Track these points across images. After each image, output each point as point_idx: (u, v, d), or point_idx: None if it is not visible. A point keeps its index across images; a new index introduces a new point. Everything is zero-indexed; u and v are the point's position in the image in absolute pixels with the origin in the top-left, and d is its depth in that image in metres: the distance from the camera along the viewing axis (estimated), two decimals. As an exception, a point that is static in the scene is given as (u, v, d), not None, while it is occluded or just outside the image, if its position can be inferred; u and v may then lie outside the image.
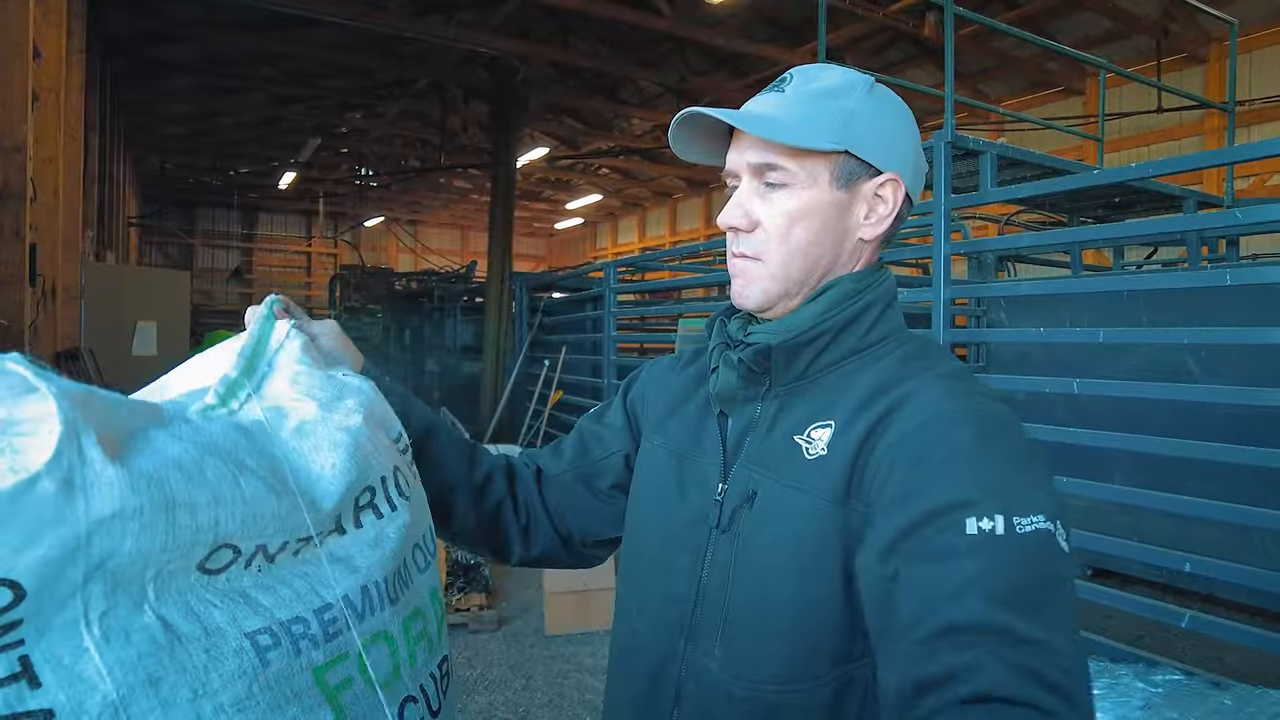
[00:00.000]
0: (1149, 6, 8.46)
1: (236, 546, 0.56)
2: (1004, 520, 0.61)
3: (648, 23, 8.42)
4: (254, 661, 0.54)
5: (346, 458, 0.63)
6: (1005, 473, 0.65)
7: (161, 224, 19.71)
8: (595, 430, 1.00)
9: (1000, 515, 0.61)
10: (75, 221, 5.32)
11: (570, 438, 1.02)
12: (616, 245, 21.04)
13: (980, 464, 0.65)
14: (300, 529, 0.60)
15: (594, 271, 8.29)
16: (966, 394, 0.71)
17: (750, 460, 0.79)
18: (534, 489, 0.98)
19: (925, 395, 0.71)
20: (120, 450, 0.50)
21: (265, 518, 0.57)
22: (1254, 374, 3.72)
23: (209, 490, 0.54)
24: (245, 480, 0.56)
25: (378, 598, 0.63)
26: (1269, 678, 3.34)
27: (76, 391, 0.49)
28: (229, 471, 0.55)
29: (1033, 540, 0.61)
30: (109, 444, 0.49)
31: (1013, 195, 3.65)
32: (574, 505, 0.98)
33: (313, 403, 0.66)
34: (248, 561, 0.56)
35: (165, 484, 0.51)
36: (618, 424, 0.99)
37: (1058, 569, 0.61)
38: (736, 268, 0.81)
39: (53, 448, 0.45)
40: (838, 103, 0.78)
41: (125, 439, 0.51)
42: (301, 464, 0.62)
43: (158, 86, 11.56)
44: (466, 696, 3.26)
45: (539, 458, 1.01)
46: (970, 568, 0.59)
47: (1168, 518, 3.97)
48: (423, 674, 0.66)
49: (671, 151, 0.87)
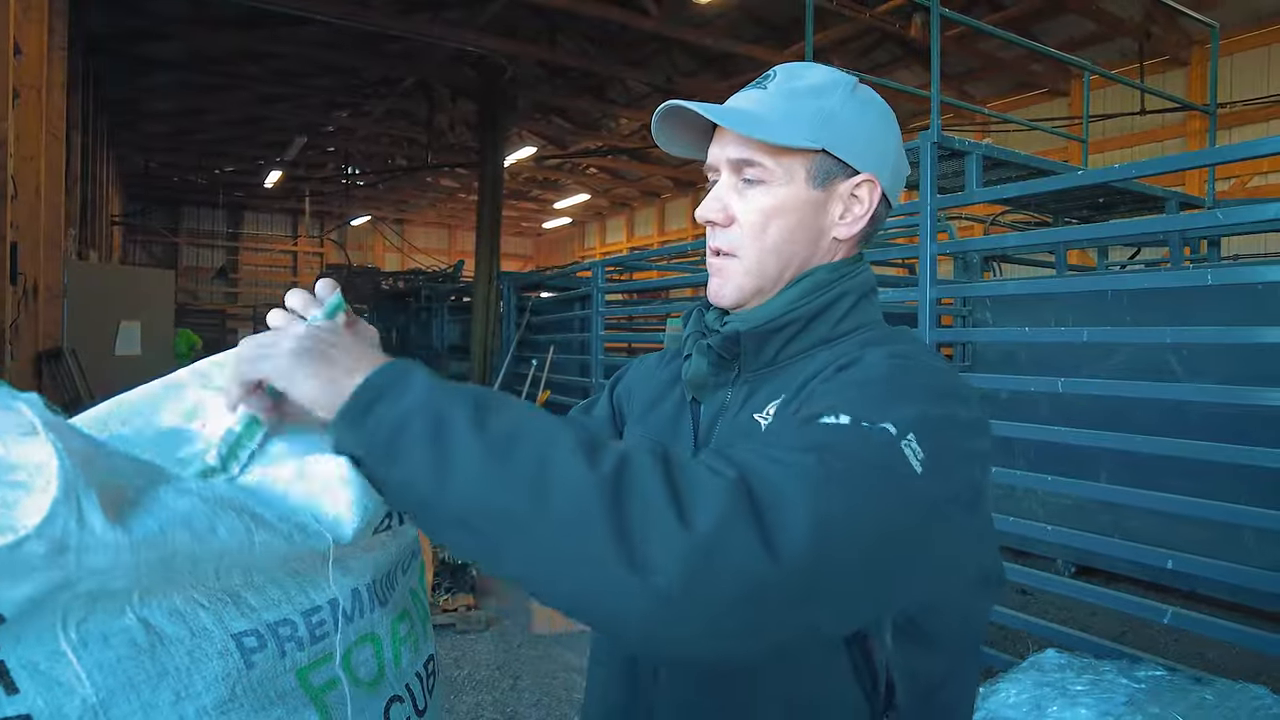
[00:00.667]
0: (1132, 9, 8.54)
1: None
2: (851, 418, 0.61)
3: (635, 22, 8.42)
4: (238, 663, 0.53)
5: (362, 493, 0.59)
6: (883, 396, 0.64)
7: (145, 223, 19.54)
8: (584, 423, 1.00)
9: (848, 415, 0.61)
10: (57, 220, 5.26)
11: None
12: (604, 245, 21.03)
13: (868, 389, 0.65)
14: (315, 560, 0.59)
15: (582, 271, 8.29)
16: (909, 355, 0.71)
17: (719, 443, 0.80)
18: None
19: (871, 354, 0.71)
20: (125, 509, 0.48)
21: (275, 562, 0.56)
22: (1235, 373, 3.76)
23: (218, 547, 0.51)
24: (260, 535, 0.54)
25: (368, 600, 0.63)
26: (1249, 672, 3.38)
27: (82, 447, 0.46)
28: (243, 526, 0.52)
29: (866, 431, 0.60)
30: (112, 503, 0.47)
31: (998, 195, 3.67)
32: None
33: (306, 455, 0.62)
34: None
35: (170, 543, 0.49)
36: (604, 416, 0.99)
37: (879, 456, 0.58)
38: (714, 266, 0.82)
39: (46, 509, 0.43)
40: (818, 102, 0.78)
41: (132, 495, 0.49)
42: (315, 508, 0.58)
43: (142, 84, 11.47)
44: (454, 697, 3.25)
45: None
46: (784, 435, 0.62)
47: (1151, 515, 4.01)
48: (409, 674, 0.65)
49: (660, 151, 0.87)
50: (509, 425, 0.55)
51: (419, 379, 0.58)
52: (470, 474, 0.53)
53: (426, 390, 0.57)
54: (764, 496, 0.53)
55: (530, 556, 0.53)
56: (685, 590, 0.49)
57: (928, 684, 0.72)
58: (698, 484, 0.53)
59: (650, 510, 0.51)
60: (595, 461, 0.53)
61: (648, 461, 0.54)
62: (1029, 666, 2.38)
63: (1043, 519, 4.48)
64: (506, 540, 0.53)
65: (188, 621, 0.52)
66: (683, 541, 0.49)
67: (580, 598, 0.52)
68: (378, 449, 0.56)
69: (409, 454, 0.55)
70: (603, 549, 0.50)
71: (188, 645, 0.51)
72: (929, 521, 0.60)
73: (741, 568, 0.50)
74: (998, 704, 2.21)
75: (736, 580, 0.50)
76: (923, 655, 0.71)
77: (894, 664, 0.69)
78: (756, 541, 0.50)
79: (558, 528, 0.51)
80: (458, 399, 0.56)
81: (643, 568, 0.49)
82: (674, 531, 0.50)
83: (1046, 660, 2.39)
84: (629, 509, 0.50)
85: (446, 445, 0.54)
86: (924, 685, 0.71)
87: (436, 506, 0.55)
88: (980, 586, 0.74)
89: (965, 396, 0.69)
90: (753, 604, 0.51)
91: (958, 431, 0.65)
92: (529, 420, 0.56)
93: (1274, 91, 8.44)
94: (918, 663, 0.71)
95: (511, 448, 0.53)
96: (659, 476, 0.52)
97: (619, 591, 0.50)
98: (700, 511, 0.51)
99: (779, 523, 0.52)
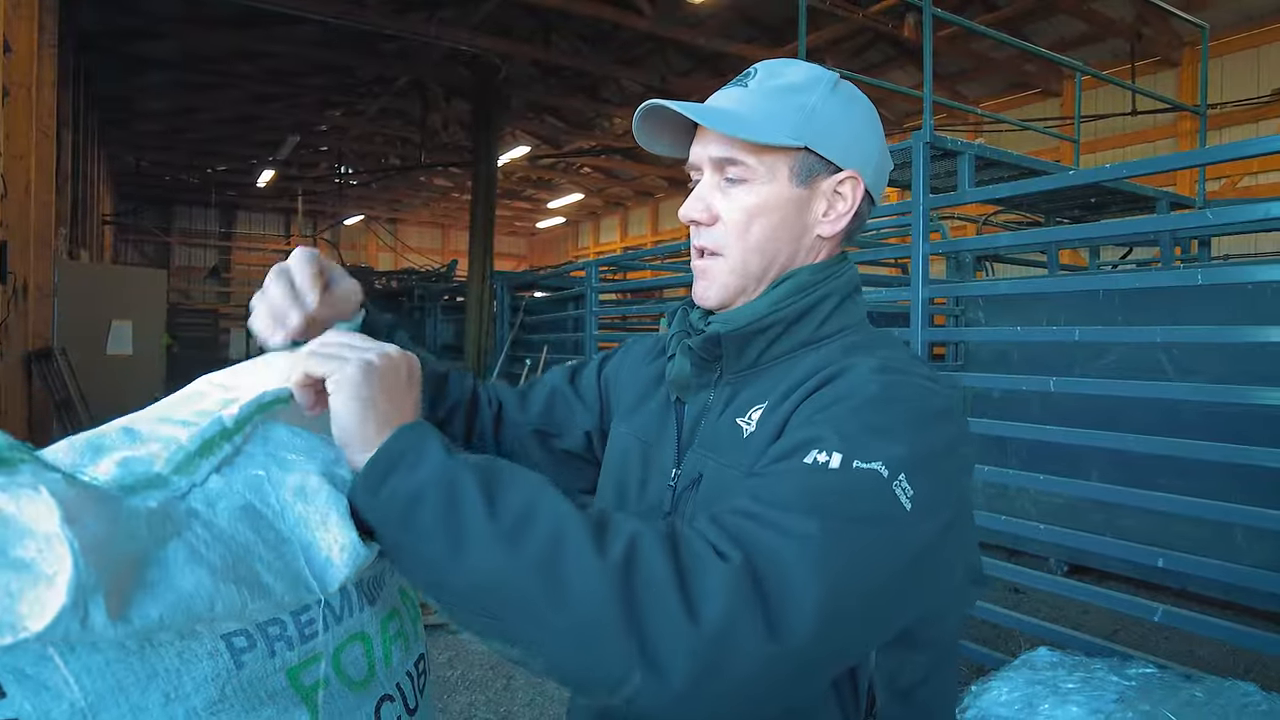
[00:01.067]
0: (1123, 10, 8.58)
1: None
2: (841, 458, 0.61)
3: (629, 22, 8.42)
4: (228, 664, 0.52)
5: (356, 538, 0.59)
6: (872, 426, 0.64)
7: (137, 222, 19.44)
8: (566, 392, 0.99)
9: (839, 454, 0.61)
10: (48, 219, 5.23)
11: (539, 389, 1.01)
12: (598, 244, 21.02)
13: (857, 416, 0.65)
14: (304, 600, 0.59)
15: (576, 271, 8.28)
16: (896, 370, 0.71)
17: (701, 445, 0.80)
18: (490, 428, 0.97)
19: (857, 370, 0.71)
20: (131, 594, 0.48)
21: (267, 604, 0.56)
22: (1226, 372, 3.78)
23: (209, 616, 0.52)
24: (254, 604, 0.54)
25: (356, 599, 0.62)
26: (1238, 669, 3.40)
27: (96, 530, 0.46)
28: (239, 601, 0.53)
29: (858, 475, 0.60)
30: (119, 591, 0.47)
31: (991, 195, 3.68)
32: (526, 456, 0.97)
33: (312, 469, 0.61)
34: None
35: (167, 626, 0.50)
36: (589, 396, 0.98)
37: (872, 506, 0.59)
38: (698, 267, 0.82)
39: (52, 616, 0.44)
40: (799, 99, 0.78)
41: (141, 571, 0.49)
42: (309, 544, 0.58)
43: (134, 82, 11.40)
44: (447, 696, 3.24)
45: (503, 395, 1.00)
46: (779, 482, 0.61)
47: (1143, 514, 4.03)
48: (399, 673, 0.65)
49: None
50: (520, 504, 0.56)
51: (433, 449, 0.59)
52: (482, 555, 0.54)
53: (440, 463, 0.58)
54: (770, 581, 0.54)
55: (542, 642, 0.54)
56: (696, 686, 0.50)
57: (908, 683, 0.72)
58: (704, 572, 0.53)
59: (659, 603, 0.52)
60: (605, 547, 0.54)
61: (656, 547, 0.55)
62: (1021, 665, 2.39)
63: (1035, 518, 4.49)
64: (519, 624, 0.54)
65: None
66: (691, 638, 0.51)
67: (594, 686, 0.54)
68: (392, 521, 0.58)
69: (421, 530, 0.56)
70: (615, 643, 0.51)
71: (177, 646, 0.51)
72: (923, 557, 0.62)
73: (749, 657, 0.51)
74: (990, 702, 2.22)
75: (744, 669, 0.51)
76: (905, 656, 0.71)
77: (877, 669, 0.70)
78: (762, 631, 0.52)
79: (571, 617, 0.52)
80: (470, 473, 0.57)
81: (654, 663, 0.50)
82: (683, 628, 0.51)
83: (1038, 658, 2.40)
84: (639, 601, 0.52)
85: (459, 524, 0.55)
86: (904, 684, 0.72)
87: (449, 584, 0.56)
88: (965, 588, 0.74)
89: (948, 410, 0.70)
90: (761, 684, 0.52)
91: (944, 456, 0.66)
92: (540, 499, 0.57)
93: (1263, 93, 8.49)
94: (900, 663, 0.71)
95: (523, 529, 0.55)
96: (667, 565, 0.53)
97: (632, 684, 0.51)
98: (707, 604, 0.52)
99: (784, 608, 0.53)
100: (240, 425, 0.60)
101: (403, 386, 0.64)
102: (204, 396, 0.65)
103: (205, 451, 0.58)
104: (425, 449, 0.59)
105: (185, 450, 0.58)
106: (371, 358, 0.62)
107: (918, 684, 0.72)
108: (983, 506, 4.58)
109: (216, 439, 0.59)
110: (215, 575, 0.52)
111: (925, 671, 0.73)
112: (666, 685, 0.50)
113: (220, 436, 0.59)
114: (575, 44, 9.88)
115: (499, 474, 0.59)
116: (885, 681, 0.70)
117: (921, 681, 0.73)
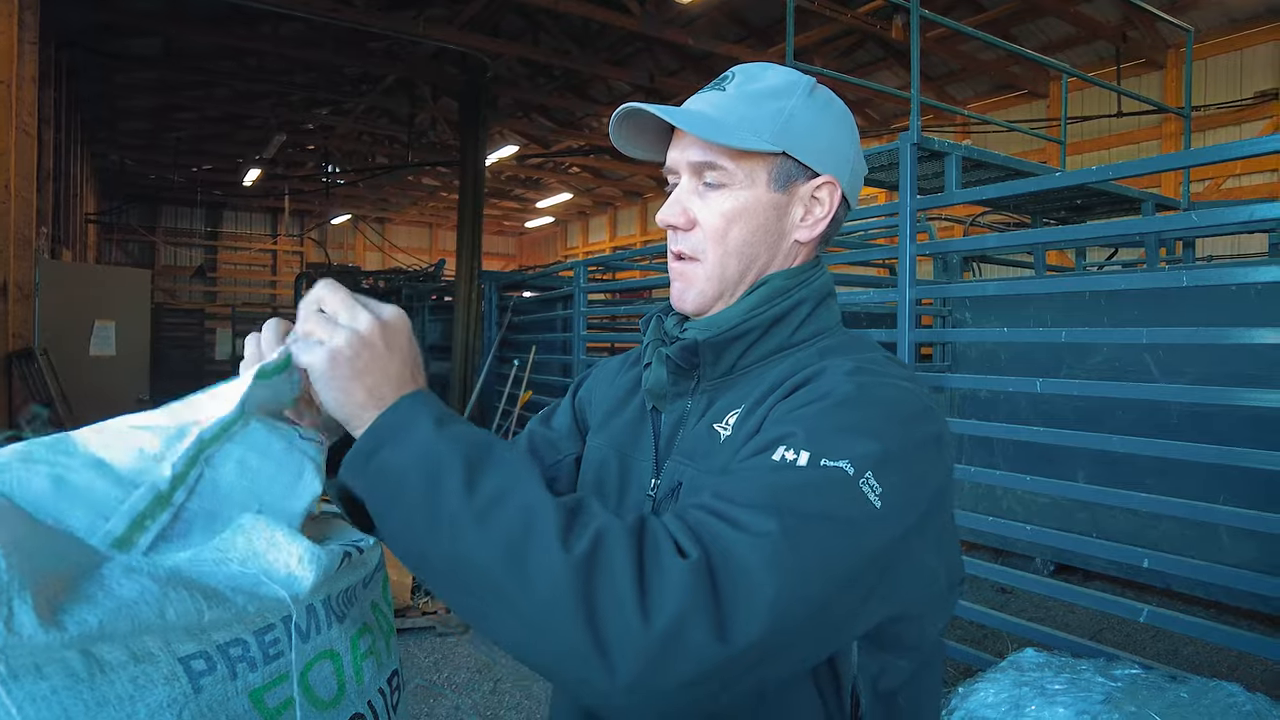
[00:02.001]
0: (1109, 13, 8.64)
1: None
2: (809, 455, 0.61)
3: (617, 21, 8.41)
4: (186, 688, 0.50)
5: (309, 548, 0.58)
6: (841, 425, 0.64)
7: (122, 221, 19.24)
8: (544, 435, 0.98)
9: (807, 451, 0.61)
10: (29, 217, 5.17)
11: (520, 443, 1.00)
12: (587, 244, 20.99)
13: (827, 416, 0.65)
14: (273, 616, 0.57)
15: (564, 270, 8.26)
16: (873, 373, 0.70)
17: (679, 454, 0.79)
18: None
19: (832, 372, 0.71)
20: (64, 602, 0.45)
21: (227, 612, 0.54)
22: (1210, 373, 3.81)
23: (163, 626, 0.50)
24: (212, 612, 0.52)
25: (325, 616, 0.60)
26: (1220, 667, 3.43)
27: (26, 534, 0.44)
28: (194, 607, 0.51)
29: (824, 473, 0.60)
30: (49, 598, 0.44)
31: (978, 196, 3.69)
32: None
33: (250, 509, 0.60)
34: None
35: (109, 634, 0.47)
36: (565, 426, 0.97)
37: (835, 504, 0.59)
38: (676, 271, 0.82)
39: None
40: (777, 103, 0.77)
41: (75, 582, 0.46)
42: (266, 567, 0.57)
43: (118, 80, 11.30)
44: (433, 701, 3.22)
45: None
46: (745, 479, 0.61)
47: (1128, 514, 4.05)
48: (370, 691, 0.63)
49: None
50: (497, 486, 0.57)
51: (422, 425, 0.60)
52: (455, 533, 0.56)
53: (427, 440, 0.59)
54: (724, 580, 0.54)
55: (505, 623, 0.56)
56: (641, 681, 0.52)
57: (891, 686, 0.71)
58: (662, 570, 0.54)
59: (615, 600, 0.53)
60: (571, 538, 0.55)
61: (620, 542, 0.55)
62: (1008, 666, 2.39)
63: (1022, 518, 4.52)
64: (485, 604, 0.56)
65: (130, 647, 0.49)
66: (642, 638, 0.52)
67: (551, 669, 0.56)
68: (379, 498, 0.60)
69: (405, 504, 0.58)
70: (572, 631, 0.52)
71: (130, 672, 0.48)
72: (890, 554, 0.62)
73: (696, 657, 0.52)
74: (977, 703, 2.22)
75: (691, 668, 0.52)
76: (888, 659, 0.71)
77: (860, 671, 0.69)
78: (712, 632, 0.53)
79: (531, 603, 0.54)
80: (455, 451, 0.58)
81: (605, 657, 0.52)
82: (635, 627, 0.52)
83: (1025, 659, 2.40)
84: (597, 596, 0.53)
85: (437, 501, 0.56)
86: (887, 687, 0.71)
87: (428, 557, 0.58)
88: (947, 591, 0.74)
89: (924, 410, 0.69)
90: (708, 683, 0.53)
91: (917, 454, 0.66)
92: (517, 482, 0.58)
93: (1246, 95, 8.56)
94: (883, 666, 0.71)
95: (494, 510, 0.56)
96: (628, 562, 0.54)
97: (585, 669, 0.53)
98: (661, 604, 0.53)
99: (736, 609, 0.54)
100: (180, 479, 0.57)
101: (385, 356, 0.63)
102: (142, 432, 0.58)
103: (138, 528, 0.55)
104: (414, 425, 0.60)
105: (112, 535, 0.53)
106: (339, 342, 0.61)
107: (901, 687, 0.72)
108: (969, 506, 4.59)
109: (151, 507, 0.55)
110: (162, 583, 0.50)
111: (908, 674, 0.73)
112: (614, 680, 0.52)
113: (156, 504, 0.55)
114: (564, 43, 9.85)
115: (486, 453, 0.59)
116: (868, 684, 0.70)
117: (905, 684, 0.72)
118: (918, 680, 0.74)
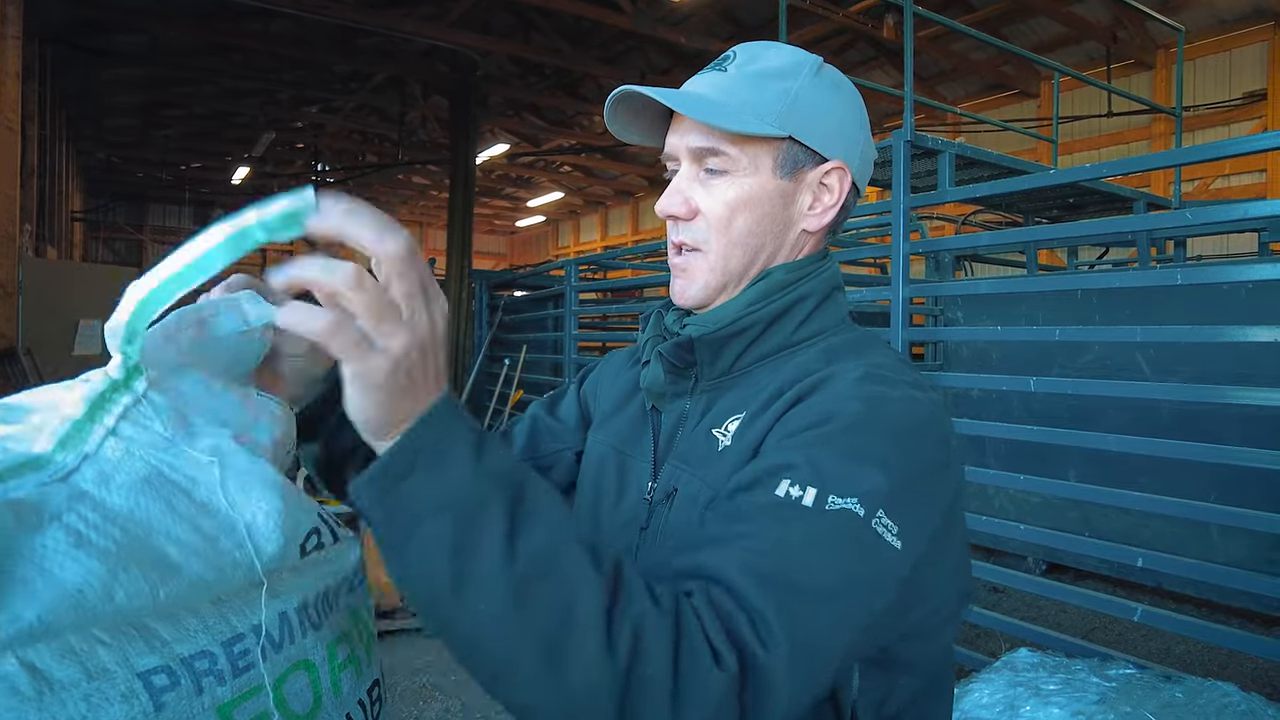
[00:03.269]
0: (1100, 13, 8.66)
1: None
2: (815, 493, 0.58)
3: (609, 19, 8.38)
4: (145, 706, 0.45)
5: (280, 503, 0.53)
6: (849, 453, 0.60)
7: (108, 219, 19.08)
8: (547, 422, 0.94)
9: (814, 488, 0.58)
10: (12, 215, 5.10)
11: (521, 425, 0.96)
12: (579, 243, 20.94)
13: (836, 442, 0.61)
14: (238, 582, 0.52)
15: (555, 270, 8.22)
16: (882, 381, 0.66)
17: (677, 457, 0.75)
18: None
19: (840, 381, 0.67)
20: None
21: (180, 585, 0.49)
22: (1202, 371, 3.81)
23: (112, 609, 0.44)
24: (165, 588, 0.47)
25: (299, 624, 0.56)
26: (1212, 666, 3.43)
27: None
28: (147, 586, 0.46)
29: (833, 520, 0.57)
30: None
31: (970, 194, 3.68)
32: None
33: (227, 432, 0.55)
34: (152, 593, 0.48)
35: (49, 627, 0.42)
36: (571, 418, 0.94)
37: (855, 562, 0.57)
38: (677, 264, 0.77)
39: None
40: (782, 84, 0.73)
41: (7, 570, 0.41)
42: (229, 517, 0.51)
43: (104, 77, 11.18)
44: (422, 704, 3.19)
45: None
46: (750, 528, 0.58)
47: (1120, 513, 4.05)
48: (349, 702, 0.59)
49: (635, 149, 0.83)
50: (538, 549, 0.51)
51: (460, 453, 0.51)
52: (489, 602, 0.49)
53: (465, 478, 0.50)
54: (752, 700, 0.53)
55: (528, 704, 0.52)
56: None
57: (895, 709, 0.68)
58: (699, 682, 0.52)
59: (652, 707, 0.51)
60: (613, 635, 0.50)
61: (660, 640, 0.52)
62: (1002, 666, 2.38)
63: (1014, 517, 4.51)
64: (508, 679, 0.51)
65: (83, 662, 0.44)
66: None
67: None
68: (397, 531, 0.50)
69: (428, 554, 0.49)
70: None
71: (83, 690, 0.43)
72: (905, 589, 0.59)
73: None
74: (971, 704, 2.20)
75: None
76: (891, 680, 0.67)
77: (861, 694, 0.66)
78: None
79: (565, 696, 0.50)
80: (496, 497, 0.50)
81: None
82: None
83: (1019, 660, 2.39)
84: (634, 701, 0.50)
85: (471, 558, 0.49)
86: (891, 711, 0.67)
87: (452, 626, 0.51)
88: (957, 604, 0.71)
89: (932, 417, 0.66)
90: None
91: (927, 479, 0.63)
92: (558, 545, 0.52)
93: (1235, 95, 8.60)
94: (888, 689, 0.67)
95: (534, 589, 0.50)
96: (667, 668, 0.51)
97: None
98: (694, 715, 0.51)
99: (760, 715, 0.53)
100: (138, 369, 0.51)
101: (434, 360, 0.53)
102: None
103: (95, 412, 0.49)
104: (451, 451, 0.50)
105: (71, 419, 0.48)
106: (400, 347, 0.49)
107: (907, 706, 0.68)
108: (963, 523, 4.58)
109: (108, 392, 0.50)
110: (109, 561, 0.44)
111: (913, 695, 0.69)
112: None
113: (113, 389, 0.50)
114: (555, 41, 9.81)
115: (530, 501, 0.52)
116: (871, 707, 0.66)
117: (909, 706, 0.69)
118: (923, 702, 0.71)
